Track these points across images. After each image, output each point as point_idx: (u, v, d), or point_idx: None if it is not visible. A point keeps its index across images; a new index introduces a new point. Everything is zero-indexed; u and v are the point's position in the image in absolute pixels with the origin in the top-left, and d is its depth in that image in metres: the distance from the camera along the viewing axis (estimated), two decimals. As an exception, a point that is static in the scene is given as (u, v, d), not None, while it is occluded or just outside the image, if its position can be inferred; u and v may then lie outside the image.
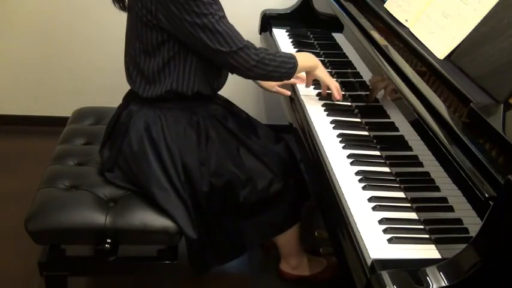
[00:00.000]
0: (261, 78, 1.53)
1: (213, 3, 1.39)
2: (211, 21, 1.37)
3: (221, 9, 1.43)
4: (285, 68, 1.51)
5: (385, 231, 1.16)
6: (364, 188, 1.30)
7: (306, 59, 1.61)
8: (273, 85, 1.76)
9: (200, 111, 1.58)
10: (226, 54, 1.41)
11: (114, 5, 1.55)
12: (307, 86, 1.73)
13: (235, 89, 2.15)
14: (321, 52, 2.04)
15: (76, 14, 2.46)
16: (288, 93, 1.78)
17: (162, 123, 1.53)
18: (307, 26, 2.25)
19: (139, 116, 1.54)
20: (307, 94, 1.75)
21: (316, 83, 1.78)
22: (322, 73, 1.64)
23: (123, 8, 1.55)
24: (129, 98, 1.62)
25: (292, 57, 1.54)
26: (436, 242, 1.15)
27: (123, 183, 1.56)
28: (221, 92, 1.68)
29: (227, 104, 1.71)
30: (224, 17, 1.43)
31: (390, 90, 1.44)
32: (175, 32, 1.41)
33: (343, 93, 1.73)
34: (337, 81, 1.83)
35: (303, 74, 1.75)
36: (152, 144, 1.52)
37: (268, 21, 2.28)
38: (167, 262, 1.58)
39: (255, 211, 1.63)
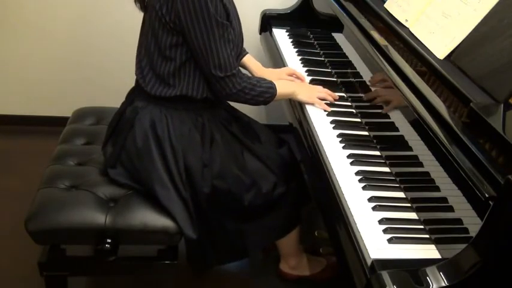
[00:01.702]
0: (238, 102, 1.59)
1: (228, 26, 1.44)
2: (218, 43, 1.42)
3: (231, 33, 1.47)
4: (263, 97, 1.58)
5: (385, 231, 1.16)
6: (364, 188, 1.30)
7: (285, 87, 1.65)
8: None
9: (205, 113, 1.59)
10: (213, 76, 1.47)
11: (136, 4, 1.55)
12: None
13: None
14: (321, 52, 2.04)
15: (75, 15, 2.46)
16: None
17: (168, 122, 1.53)
18: (307, 26, 2.25)
19: (145, 112, 1.54)
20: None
21: (314, 80, 1.78)
22: (303, 97, 1.67)
23: (142, 8, 1.55)
24: (133, 95, 1.62)
25: (271, 86, 1.59)
26: (436, 242, 1.15)
27: (125, 180, 1.56)
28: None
29: (230, 108, 1.72)
30: (231, 41, 1.47)
31: (390, 91, 1.44)
32: (185, 31, 1.41)
33: (343, 94, 1.73)
34: (336, 81, 1.84)
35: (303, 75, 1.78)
36: (157, 141, 1.52)
37: (268, 21, 2.28)
38: (167, 262, 1.58)
39: (258, 214, 1.63)
